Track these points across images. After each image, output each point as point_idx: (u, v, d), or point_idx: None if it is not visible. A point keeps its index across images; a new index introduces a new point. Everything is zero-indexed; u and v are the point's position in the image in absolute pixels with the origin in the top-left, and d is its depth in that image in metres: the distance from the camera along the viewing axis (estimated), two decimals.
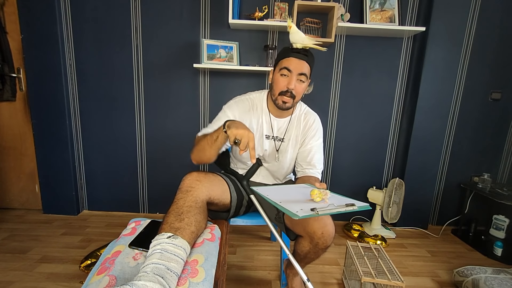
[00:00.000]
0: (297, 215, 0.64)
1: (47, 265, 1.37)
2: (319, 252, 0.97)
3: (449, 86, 1.81)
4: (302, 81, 1.03)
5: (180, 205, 0.81)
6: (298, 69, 1.00)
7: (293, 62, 1.00)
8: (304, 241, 0.97)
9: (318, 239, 0.91)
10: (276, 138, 1.17)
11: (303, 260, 1.03)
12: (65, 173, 1.88)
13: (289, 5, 1.70)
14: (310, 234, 0.92)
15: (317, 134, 1.17)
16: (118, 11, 1.74)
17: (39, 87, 1.76)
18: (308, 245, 0.95)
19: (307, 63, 1.02)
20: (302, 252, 0.99)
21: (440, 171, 1.99)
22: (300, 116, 1.18)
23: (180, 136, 1.92)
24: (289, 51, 1.02)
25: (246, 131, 0.85)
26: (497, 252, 1.66)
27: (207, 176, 0.97)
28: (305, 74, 1.02)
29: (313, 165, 1.14)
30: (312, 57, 1.04)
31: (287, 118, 1.17)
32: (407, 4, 1.78)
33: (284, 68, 1.01)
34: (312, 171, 1.14)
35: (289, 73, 1.01)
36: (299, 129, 1.17)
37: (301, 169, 1.16)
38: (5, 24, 1.73)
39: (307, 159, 1.15)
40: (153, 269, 0.61)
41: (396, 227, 1.98)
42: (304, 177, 1.13)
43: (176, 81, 1.84)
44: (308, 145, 1.15)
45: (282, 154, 1.17)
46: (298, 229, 0.97)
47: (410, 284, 1.37)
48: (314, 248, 0.95)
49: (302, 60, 1.00)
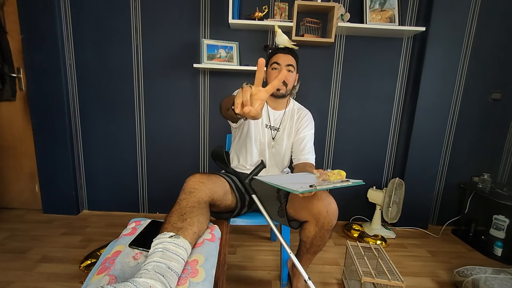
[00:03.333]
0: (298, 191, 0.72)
1: (47, 265, 1.37)
2: (325, 234, 1.01)
3: (449, 86, 1.81)
4: (291, 71, 1.22)
5: (183, 206, 0.82)
6: (286, 61, 1.21)
7: (281, 56, 1.22)
8: (309, 226, 1.01)
9: (323, 219, 0.96)
10: (273, 128, 1.31)
11: (310, 250, 1.07)
12: (65, 173, 1.88)
13: (289, 5, 1.70)
14: (316, 215, 0.97)
15: (310, 125, 1.31)
16: (118, 11, 1.74)
17: (39, 87, 1.76)
18: (314, 228, 1.00)
19: (292, 57, 1.23)
20: (308, 238, 1.03)
21: (440, 171, 1.99)
22: (293, 110, 1.34)
23: (180, 136, 1.92)
24: (276, 50, 1.26)
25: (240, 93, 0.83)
26: (497, 252, 1.66)
27: (210, 178, 0.98)
28: (291, 65, 1.22)
29: (306, 152, 1.26)
30: (295, 53, 1.26)
31: (282, 110, 1.32)
32: (407, 4, 1.78)
33: (274, 63, 1.22)
34: (306, 157, 1.25)
35: (278, 66, 1.21)
36: (293, 121, 1.31)
37: (296, 157, 1.28)
38: (5, 24, 1.73)
39: (301, 146, 1.27)
40: (154, 267, 0.61)
41: (396, 227, 1.98)
42: (300, 164, 1.25)
43: (176, 81, 1.84)
44: (301, 134, 1.29)
45: (278, 143, 1.30)
46: (303, 213, 1.02)
47: (410, 284, 1.37)
48: (320, 231, 0.99)
49: (287, 54, 1.22)
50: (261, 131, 1.28)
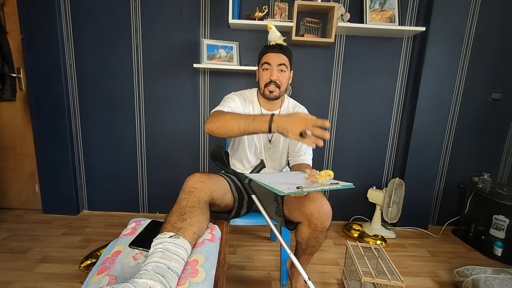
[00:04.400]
0: (283, 192, 0.70)
1: (47, 265, 1.37)
2: (319, 236, 0.99)
3: (449, 86, 1.81)
4: (283, 71, 1.16)
5: (183, 206, 0.81)
6: (277, 61, 1.15)
7: (271, 56, 1.15)
8: (303, 227, 1.00)
9: (316, 220, 0.94)
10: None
11: (306, 250, 1.06)
12: (65, 173, 1.88)
13: (289, 5, 1.70)
14: (308, 216, 0.95)
15: None
16: (118, 11, 1.74)
17: (39, 87, 1.76)
18: (307, 229, 0.98)
19: (284, 55, 1.16)
20: (302, 239, 1.02)
21: (440, 171, 1.99)
22: (288, 109, 1.29)
23: (180, 136, 1.92)
24: (266, 48, 1.19)
25: (304, 119, 0.86)
26: (497, 252, 1.66)
27: (210, 177, 0.97)
28: (284, 64, 1.15)
29: (303, 153, 1.22)
30: (288, 50, 1.19)
31: (277, 111, 1.27)
32: (407, 4, 1.78)
33: (264, 63, 1.16)
34: (303, 157, 1.22)
35: (269, 66, 1.15)
36: None
37: (292, 158, 1.25)
38: (5, 24, 1.73)
39: (297, 147, 1.23)
40: (154, 268, 0.61)
41: (396, 227, 1.98)
42: (296, 165, 1.22)
43: (176, 81, 1.84)
44: None
45: (275, 145, 1.27)
46: (296, 215, 1.00)
47: (410, 284, 1.37)
48: (313, 232, 0.98)
49: (278, 53, 1.15)
50: (256, 135, 1.25)
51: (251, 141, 1.25)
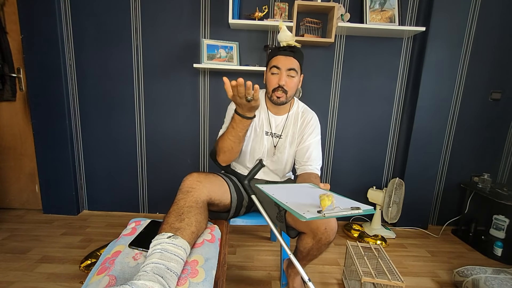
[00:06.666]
0: (305, 217, 0.65)
1: (47, 265, 1.37)
2: (322, 248, 0.98)
3: (449, 86, 1.81)
4: (292, 76, 1.08)
5: (181, 206, 0.81)
6: (287, 65, 1.07)
7: (281, 59, 1.07)
8: (307, 238, 0.98)
9: (321, 235, 0.92)
10: (274, 135, 1.20)
11: (305, 257, 1.04)
12: (65, 173, 1.88)
13: (289, 5, 1.70)
14: (313, 230, 0.93)
15: (315, 131, 1.19)
16: (118, 11, 1.74)
17: (39, 87, 1.76)
18: (311, 241, 0.96)
19: (295, 59, 1.08)
20: (304, 249, 1.00)
21: (440, 171, 1.99)
22: (297, 113, 1.21)
23: (180, 136, 1.92)
24: (276, 50, 1.10)
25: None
26: (497, 252, 1.66)
27: (208, 177, 0.97)
28: (294, 69, 1.07)
29: (311, 161, 1.16)
30: (300, 53, 1.11)
31: (285, 115, 1.20)
32: (407, 4, 1.78)
33: (273, 67, 1.08)
34: (311, 167, 1.15)
35: (278, 71, 1.07)
36: (296, 126, 1.20)
37: (300, 166, 1.18)
38: (5, 24, 1.73)
39: (306, 156, 1.16)
40: (153, 269, 0.61)
41: (396, 227, 1.98)
42: (304, 174, 1.14)
43: (176, 81, 1.84)
44: (306, 142, 1.17)
45: (280, 151, 1.20)
46: (301, 226, 0.98)
47: (410, 284, 1.37)
48: (317, 244, 0.96)
49: (289, 57, 1.07)
50: (260, 140, 1.19)
51: (255, 148, 1.20)
